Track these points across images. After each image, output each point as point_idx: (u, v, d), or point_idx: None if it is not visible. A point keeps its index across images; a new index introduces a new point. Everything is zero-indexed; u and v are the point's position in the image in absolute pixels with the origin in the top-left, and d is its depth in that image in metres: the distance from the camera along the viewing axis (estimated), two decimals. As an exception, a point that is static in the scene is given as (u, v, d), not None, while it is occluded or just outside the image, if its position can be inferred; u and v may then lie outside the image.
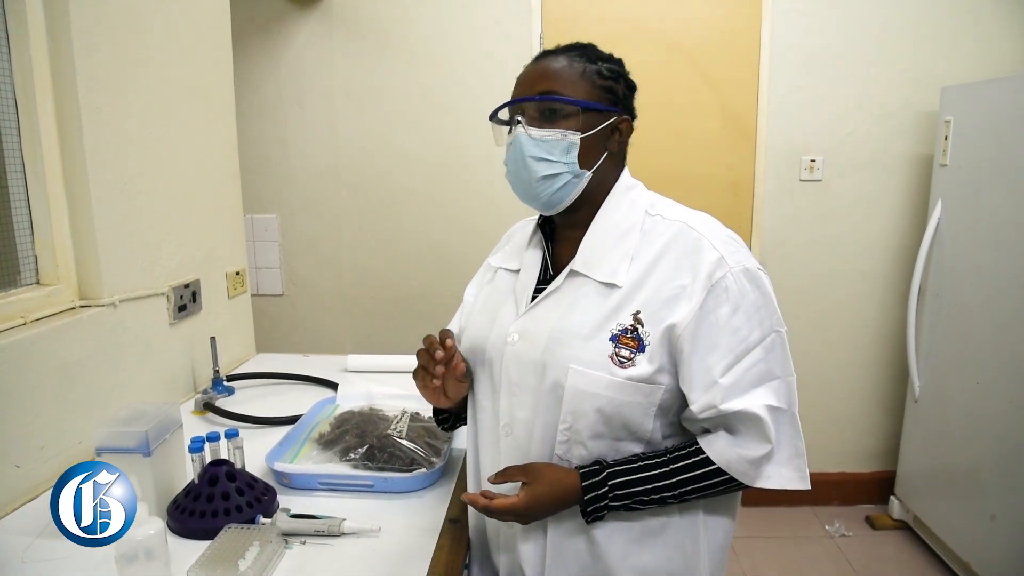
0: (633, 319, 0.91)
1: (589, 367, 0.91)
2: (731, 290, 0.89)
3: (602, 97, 0.97)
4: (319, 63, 2.68)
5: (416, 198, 2.76)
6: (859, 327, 2.80)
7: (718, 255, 0.91)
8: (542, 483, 0.92)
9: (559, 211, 1.00)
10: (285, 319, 2.89)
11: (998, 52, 2.58)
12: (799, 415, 0.95)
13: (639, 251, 0.95)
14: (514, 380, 0.97)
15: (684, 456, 0.92)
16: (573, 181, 0.97)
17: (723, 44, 2.61)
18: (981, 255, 2.25)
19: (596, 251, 0.97)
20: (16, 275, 1.31)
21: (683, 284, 0.91)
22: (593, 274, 0.95)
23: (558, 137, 0.95)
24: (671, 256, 0.93)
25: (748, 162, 2.69)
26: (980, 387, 2.23)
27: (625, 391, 0.91)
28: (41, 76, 1.29)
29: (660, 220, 0.97)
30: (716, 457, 0.91)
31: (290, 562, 0.98)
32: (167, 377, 1.63)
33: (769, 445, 0.90)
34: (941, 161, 2.44)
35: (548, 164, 0.95)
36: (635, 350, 0.91)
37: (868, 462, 2.91)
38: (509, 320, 1.01)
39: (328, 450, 1.28)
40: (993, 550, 2.16)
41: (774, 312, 0.92)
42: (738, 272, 0.90)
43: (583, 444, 0.94)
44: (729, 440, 0.91)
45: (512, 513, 0.93)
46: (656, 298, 0.91)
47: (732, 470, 0.91)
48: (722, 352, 0.89)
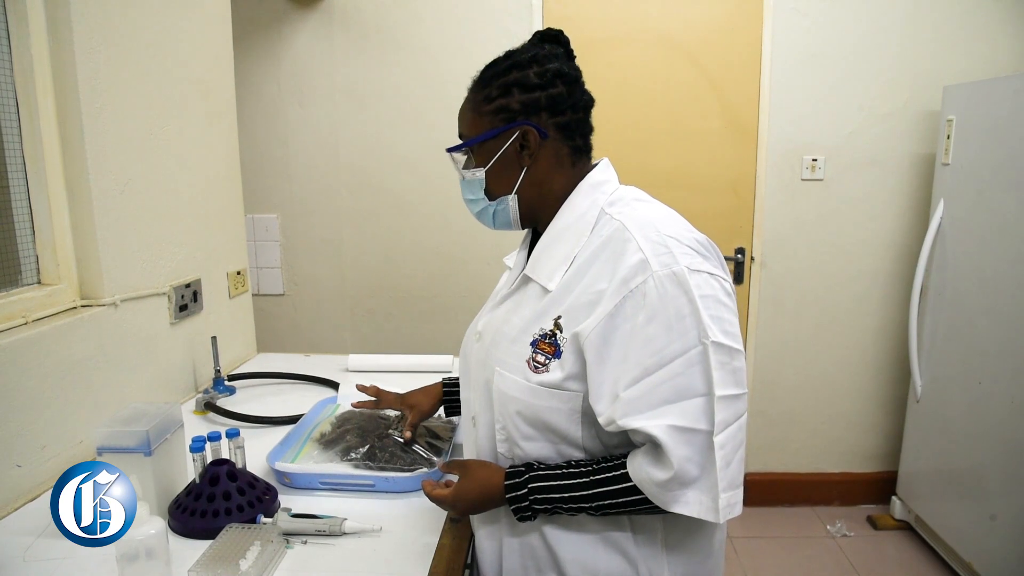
0: (554, 324, 0.90)
1: (509, 370, 0.93)
2: (649, 296, 0.83)
3: (492, 122, 0.96)
4: (320, 62, 2.68)
5: (417, 197, 2.75)
6: (860, 327, 2.79)
7: (641, 258, 0.85)
8: (470, 480, 0.97)
9: (514, 229, 1.04)
10: (286, 319, 2.89)
11: (1000, 51, 2.57)
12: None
13: (580, 253, 0.92)
14: (472, 376, 1.03)
15: (608, 469, 0.88)
16: (502, 208, 0.99)
17: (724, 43, 2.61)
18: (983, 255, 2.24)
19: (543, 254, 0.96)
20: (17, 275, 1.31)
21: (601, 289, 0.87)
22: (535, 276, 0.96)
23: (470, 177, 1.00)
24: (601, 258, 0.89)
25: (749, 162, 2.68)
26: (982, 387, 2.23)
27: (539, 396, 0.90)
28: (42, 75, 1.29)
29: (608, 219, 0.92)
30: (632, 474, 0.86)
31: (291, 562, 0.98)
32: (168, 377, 1.63)
33: (670, 471, 0.81)
34: (943, 160, 2.44)
35: (474, 202, 1.03)
36: (550, 356, 0.89)
37: (870, 462, 2.91)
38: (480, 318, 1.07)
39: (329, 450, 1.28)
40: (995, 550, 2.16)
41: (703, 323, 0.82)
42: (662, 276, 0.83)
43: (517, 444, 0.95)
44: (645, 459, 0.85)
45: (443, 503, 0.99)
46: (577, 303, 0.89)
47: (644, 489, 0.85)
48: (631, 364, 0.83)
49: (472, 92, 1.00)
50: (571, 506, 0.90)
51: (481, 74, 1.00)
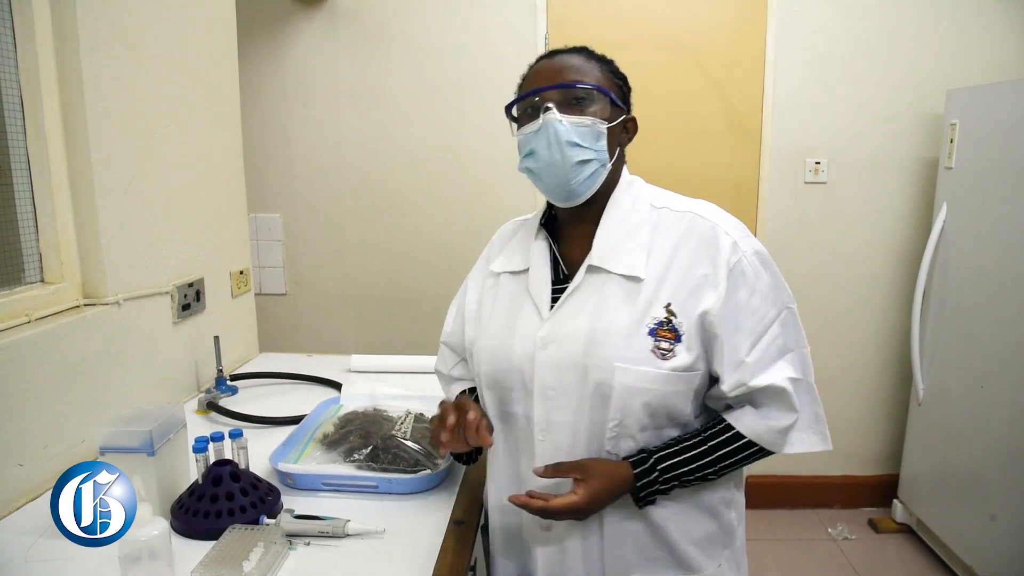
0: (666, 311, 0.94)
1: (634, 364, 0.93)
2: (747, 273, 0.95)
3: (617, 93, 1.01)
4: (323, 62, 2.68)
5: (420, 197, 2.75)
6: (863, 330, 2.79)
7: (732, 241, 0.96)
8: (597, 478, 0.94)
9: (577, 203, 1.00)
10: (289, 319, 2.89)
11: (1004, 55, 2.57)
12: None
13: (654, 244, 0.98)
14: (550, 384, 0.98)
15: (718, 433, 0.97)
16: (600, 170, 0.99)
17: (728, 45, 2.61)
18: (986, 258, 2.24)
19: (610, 245, 0.98)
20: (20, 273, 1.30)
21: (705, 273, 0.95)
22: (612, 268, 0.97)
23: (589, 124, 0.96)
24: (688, 246, 0.97)
25: (752, 164, 2.68)
26: (984, 390, 2.22)
27: (669, 382, 0.95)
28: (47, 74, 1.29)
29: (669, 212, 1.01)
30: (746, 431, 0.96)
31: (294, 563, 0.98)
32: (171, 376, 1.63)
33: (795, 414, 0.96)
34: (946, 164, 2.44)
35: (581, 150, 0.96)
36: (673, 341, 0.94)
37: (871, 465, 2.90)
38: (534, 325, 1.00)
39: (332, 451, 1.28)
40: (996, 554, 2.15)
41: (784, 290, 0.98)
42: (751, 256, 0.95)
43: (632, 437, 0.97)
44: (755, 414, 0.96)
45: (572, 511, 0.94)
46: (682, 288, 0.95)
47: (762, 441, 0.96)
48: (745, 333, 0.94)
49: (585, 57, 1.00)
50: (696, 476, 0.97)
51: (589, 51, 1.02)
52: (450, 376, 1.22)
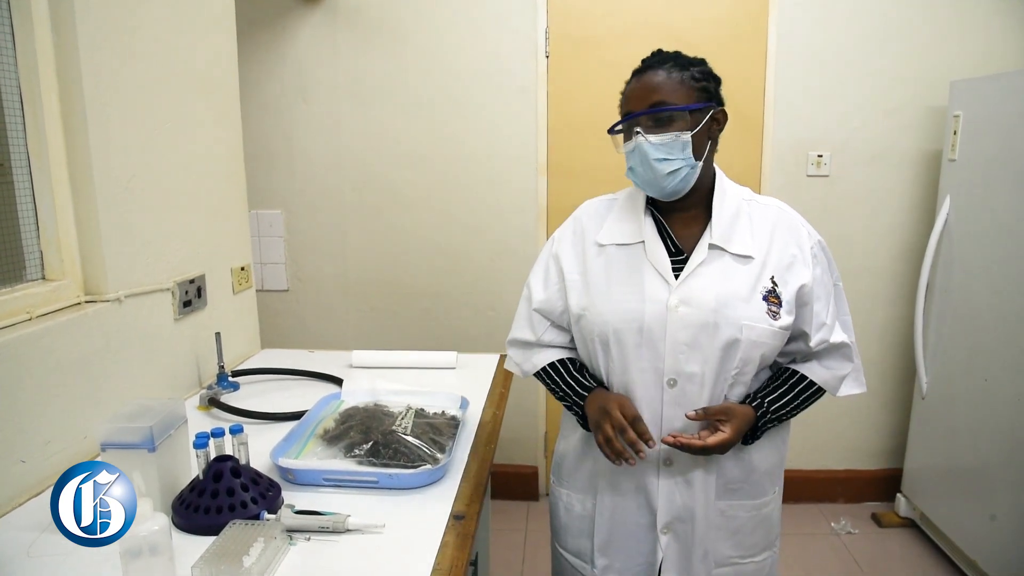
0: (771, 283, 1.16)
1: (756, 322, 1.14)
2: (818, 255, 1.21)
3: (699, 97, 1.16)
4: (324, 59, 2.67)
5: (421, 194, 2.75)
6: (866, 323, 2.78)
7: (808, 230, 1.22)
8: (738, 419, 1.14)
9: (675, 199, 1.19)
10: (290, 315, 2.89)
11: (1008, 46, 2.55)
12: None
13: (755, 230, 1.20)
14: (682, 340, 1.14)
15: (798, 381, 1.21)
16: (691, 172, 1.16)
17: (730, 38, 2.59)
18: (990, 251, 2.23)
19: (723, 229, 1.19)
20: (21, 270, 1.31)
21: (794, 253, 1.19)
22: (729, 247, 1.17)
23: (672, 139, 1.13)
24: (780, 232, 1.20)
25: (755, 157, 2.67)
26: (988, 384, 2.22)
27: (778, 337, 1.16)
28: (46, 71, 1.29)
29: (758, 205, 1.24)
30: (816, 378, 1.21)
31: (294, 558, 0.98)
32: (172, 372, 1.63)
33: (851, 364, 1.24)
34: (950, 156, 2.42)
35: (669, 162, 1.14)
36: (778, 306, 1.15)
37: (875, 459, 2.90)
38: (663, 290, 1.16)
39: (333, 446, 1.28)
40: (1000, 548, 2.15)
41: (835, 268, 1.25)
42: (817, 241, 1.22)
43: (746, 384, 1.18)
44: (819, 365, 1.23)
45: (721, 446, 1.12)
46: (780, 265, 1.18)
47: (827, 386, 1.22)
48: (823, 301, 1.19)
49: (671, 70, 1.16)
50: (787, 414, 1.21)
51: (675, 59, 1.18)
52: (539, 342, 1.30)
